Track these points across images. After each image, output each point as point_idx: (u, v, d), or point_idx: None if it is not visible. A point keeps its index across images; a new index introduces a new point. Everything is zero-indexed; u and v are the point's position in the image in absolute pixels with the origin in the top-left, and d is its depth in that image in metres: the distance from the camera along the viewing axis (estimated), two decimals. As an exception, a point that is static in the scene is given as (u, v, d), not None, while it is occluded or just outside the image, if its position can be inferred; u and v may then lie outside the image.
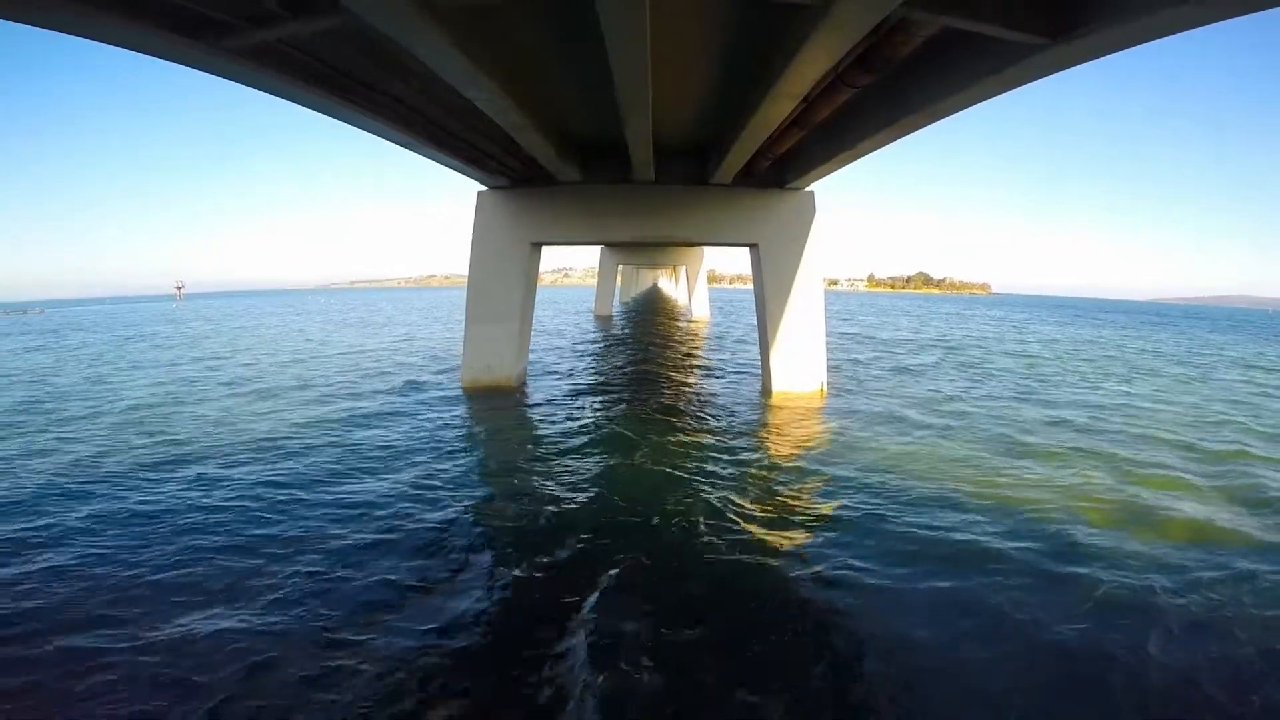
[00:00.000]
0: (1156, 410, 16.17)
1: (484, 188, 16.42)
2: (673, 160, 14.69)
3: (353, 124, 9.48)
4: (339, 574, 6.42)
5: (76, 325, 56.52)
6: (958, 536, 7.53)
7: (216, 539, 7.24)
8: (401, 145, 11.38)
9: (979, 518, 8.09)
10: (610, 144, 13.23)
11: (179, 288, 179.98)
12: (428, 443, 11.80)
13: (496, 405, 15.34)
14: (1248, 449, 12.24)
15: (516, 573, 6.56)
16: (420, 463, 10.48)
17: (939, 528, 7.78)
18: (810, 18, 5.72)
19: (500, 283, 16.59)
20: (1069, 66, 6.28)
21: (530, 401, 16.01)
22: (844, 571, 6.65)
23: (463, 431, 13.06)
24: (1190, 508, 8.75)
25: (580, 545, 7.18)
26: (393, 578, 6.35)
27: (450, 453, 11.29)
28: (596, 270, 53.80)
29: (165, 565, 6.59)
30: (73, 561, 6.67)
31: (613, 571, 6.42)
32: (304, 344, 32.79)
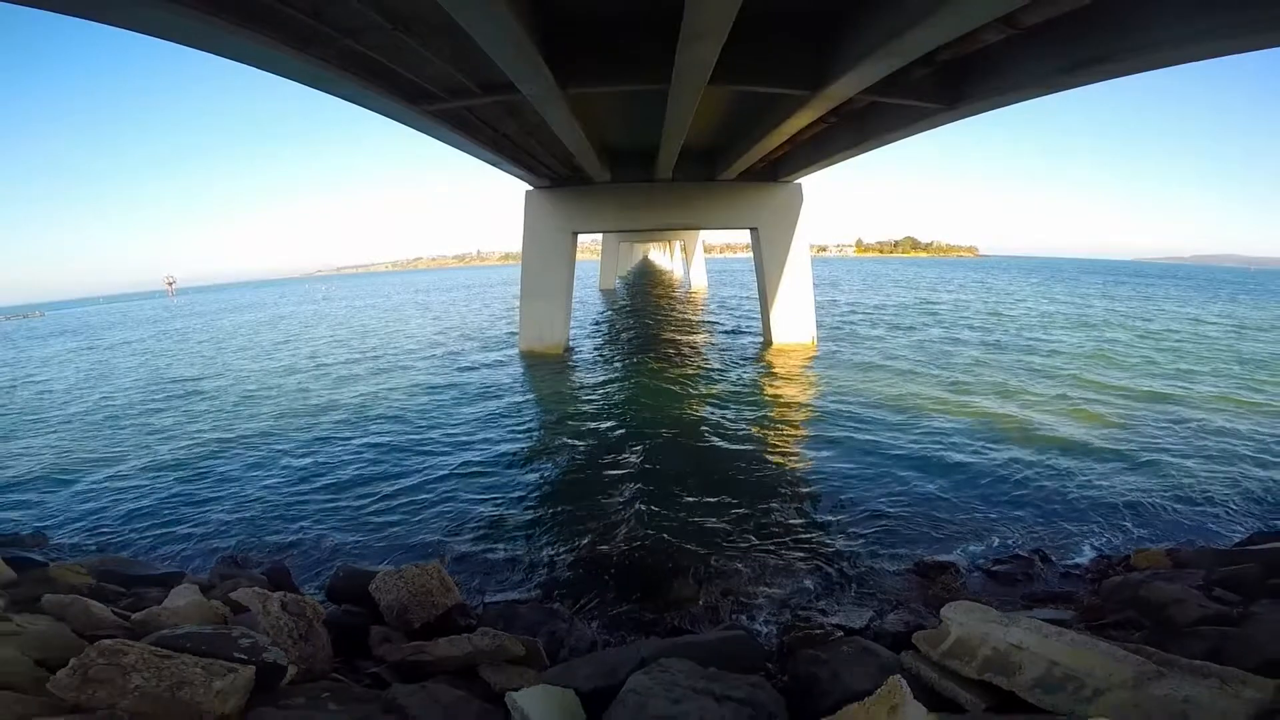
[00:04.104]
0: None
1: (530, 187, 19.96)
2: (687, 161, 18.23)
3: (468, 152, 13.20)
4: (477, 446, 10.46)
5: (95, 326, 58.89)
6: (903, 429, 11.61)
7: (403, 430, 11.31)
8: (488, 161, 15.00)
9: (916, 418, 12.18)
10: (637, 150, 16.81)
11: (170, 283, 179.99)
12: (509, 389, 15.71)
13: (552, 365, 19.21)
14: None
15: (553, 447, 10.77)
16: (509, 401, 14.41)
17: (893, 424, 11.85)
18: (799, 100, 9.47)
19: (547, 266, 20.27)
20: (957, 120, 10.11)
21: (579, 360, 19.91)
22: (824, 449, 10.71)
23: (532, 382, 16.98)
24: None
25: (625, 434, 11.23)
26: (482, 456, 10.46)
27: (526, 393, 15.35)
28: (585, 246, 57.13)
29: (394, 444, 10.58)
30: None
31: (654, 446, 10.48)
32: (355, 329, 36.29)
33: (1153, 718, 3.09)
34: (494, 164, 15.16)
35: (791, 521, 7.95)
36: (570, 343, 21.91)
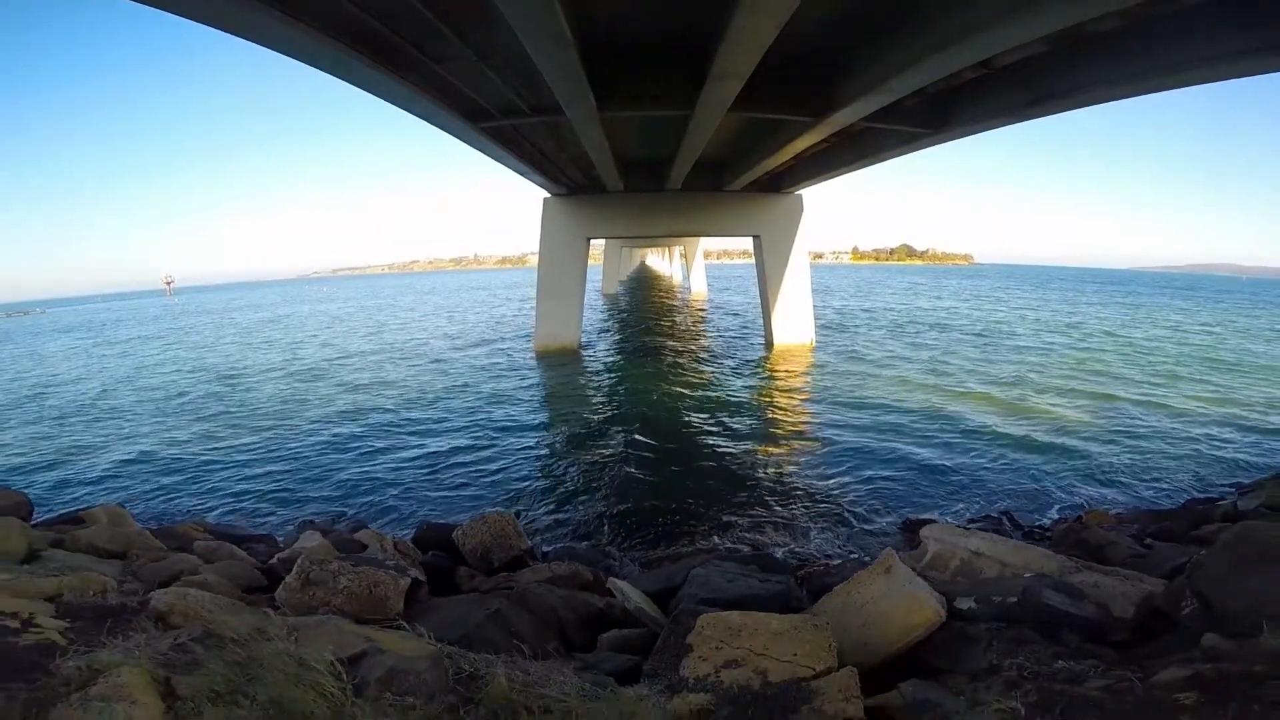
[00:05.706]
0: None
1: (548, 194, 21.19)
2: (696, 173, 19.47)
3: (505, 164, 14.46)
4: (504, 429, 11.71)
5: (100, 323, 59.21)
6: (893, 417, 12.87)
7: (433, 416, 12.50)
8: (519, 172, 16.25)
9: (905, 407, 13.47)
10: (649, 161, 18.05)
11: (168, 283, 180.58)
12: (530, 382, 16.93)
13: (567, 360, 20.41)
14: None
15: (581, 430, 12.03)
16: (532, 392, 15.63)
17: (884, 412, 13.12)
18: (804, 125, 10.75)
19: (563, 268, 21.47)
20: (943, 143, 11.43)
21: (591, 357, 21.13)
22: (821, 433, 11.96)
23: (551, 376, 18.20)
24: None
25: (643, 419, 12.45)
26: (518, 438, 11.68)
27: (547, 385, 16.60)
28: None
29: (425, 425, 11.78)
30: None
31: (670, 429, 11.68)
32: (371, 328, 37.39)
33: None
34: (524, 174, 16.41)
35: (795, 491, 9.17)
36: (582, 341, 23.14)
